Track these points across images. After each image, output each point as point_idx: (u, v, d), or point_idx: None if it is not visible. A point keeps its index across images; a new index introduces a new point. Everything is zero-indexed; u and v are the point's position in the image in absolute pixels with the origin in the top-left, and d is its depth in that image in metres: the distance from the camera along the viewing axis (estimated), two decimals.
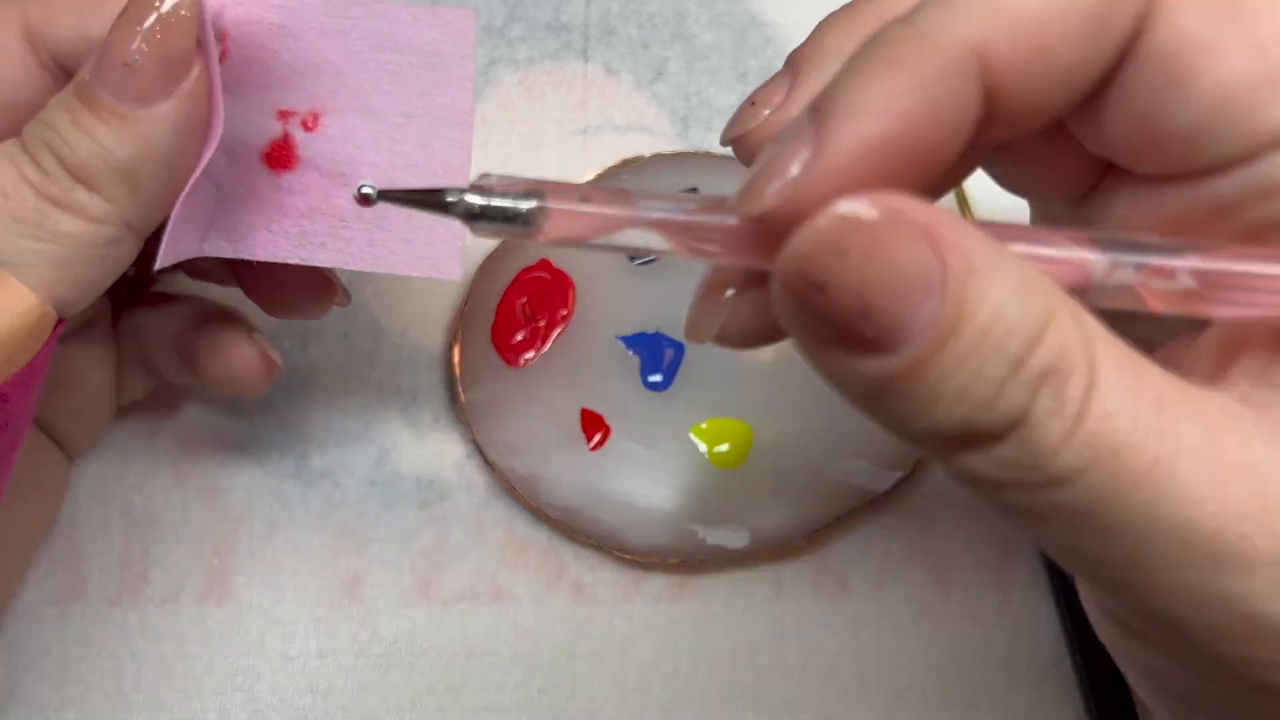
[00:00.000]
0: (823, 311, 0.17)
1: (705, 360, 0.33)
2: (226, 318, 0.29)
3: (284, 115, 0.25)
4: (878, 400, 0.18)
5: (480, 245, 0.35)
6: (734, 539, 0.32)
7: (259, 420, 0.33)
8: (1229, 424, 0.17)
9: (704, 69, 0.37)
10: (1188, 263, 0.17)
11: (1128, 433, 0.16)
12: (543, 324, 0.33)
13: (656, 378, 0.33)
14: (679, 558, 0.32)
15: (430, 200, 0.19)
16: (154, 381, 0.32)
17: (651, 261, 0.34)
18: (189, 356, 0.29)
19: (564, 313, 0.33)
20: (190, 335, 0.29)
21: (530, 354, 0.33)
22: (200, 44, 0.23)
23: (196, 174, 0.24)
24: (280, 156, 0.26)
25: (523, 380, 0.33)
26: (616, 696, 0.31)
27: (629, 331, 0.33)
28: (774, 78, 0.22)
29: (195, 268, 0.30)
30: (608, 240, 0.19)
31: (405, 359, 0.34)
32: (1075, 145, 0.20)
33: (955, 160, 0.18)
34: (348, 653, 0.32)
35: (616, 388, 0.33)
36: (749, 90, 0.36)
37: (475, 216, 0.19)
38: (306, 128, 0.25)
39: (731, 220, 0.19)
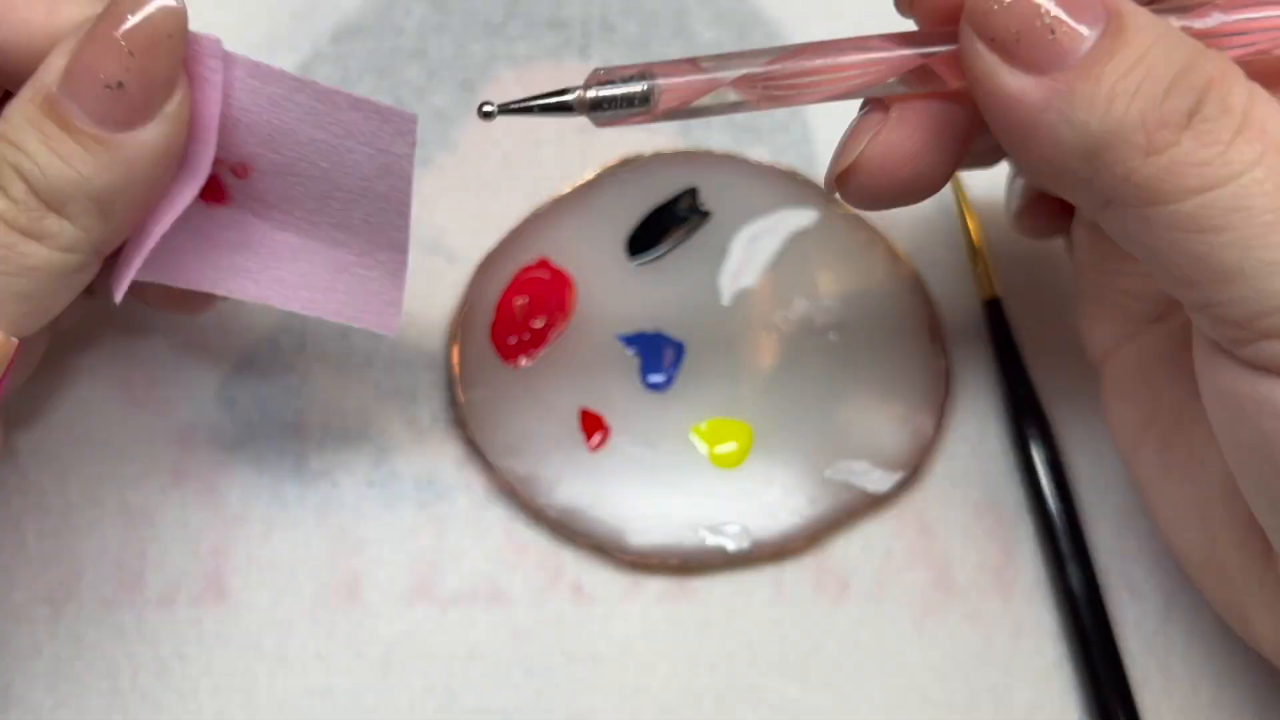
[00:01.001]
0: (1014, 14, 0.21)
1: (705, 360, 0.33)
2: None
3: (215, 162, 0.24)
4: (1055, 113, 0.21)
5: (480, 244, 0.35)
6: (734, 540, 0.32)
7: (257, 420, 0.33)
8: None
9: None
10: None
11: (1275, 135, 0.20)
12: (541, 324, 0.33)
13: (656, 378, 0.33)
14: (679, 559, 0.32)
15: (551, 105, 0.22)
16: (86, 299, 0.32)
17: (653, 260, 0.34)
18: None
19: (563, 313, 0.33)
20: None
21: (529, 355, 0.33)
22: (186, 63, 0.22)
23: (184, 205, 0.23)
24: (213, 191, 0.25)
25: (522, 380, 0.33)
26: (615, 698, 0.31)
27: (629, 331, 0.33)
28: None
29: None
30: (706, 104, 0.22)
31: (404, 359, 0.34)
32: None
33: None
34: (346, 654, 0.31)
35: (616, 388, 0.33)
36: None
37: (597, 107, 0.22)
38: (236, 174, 0.25)
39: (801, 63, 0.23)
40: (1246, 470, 0.23)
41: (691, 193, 0.35)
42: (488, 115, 0.23)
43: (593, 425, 0.33)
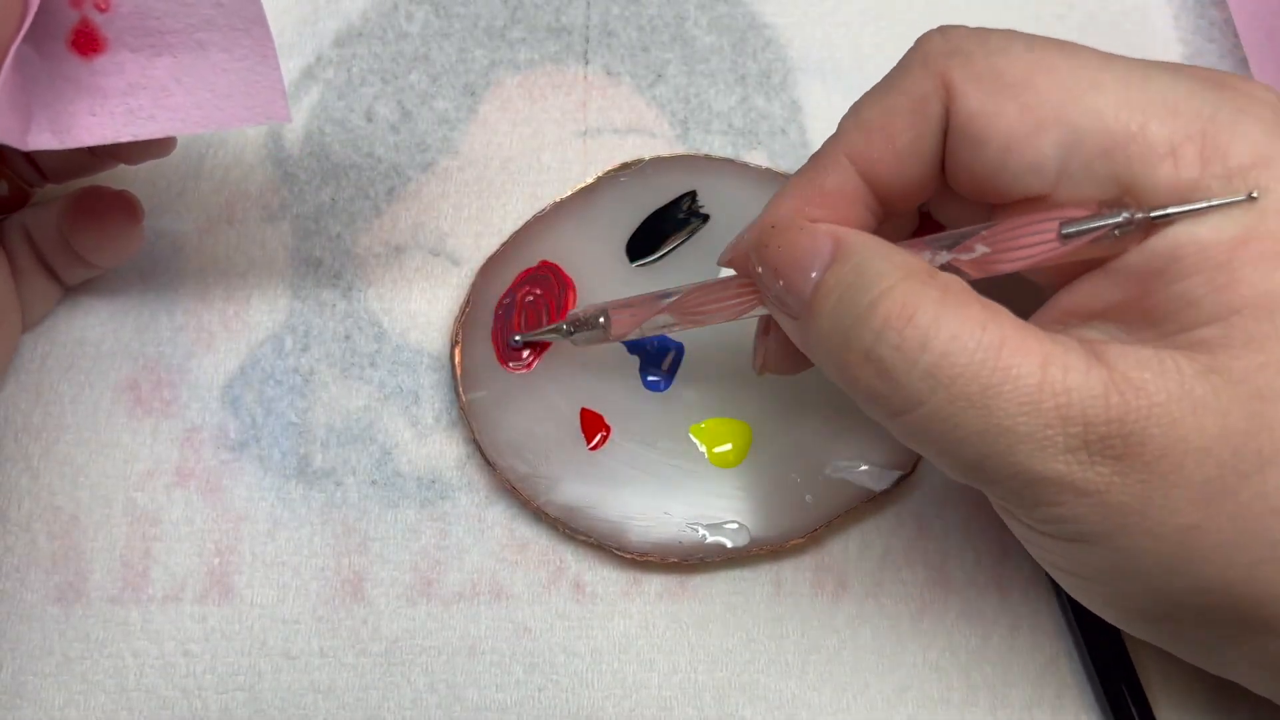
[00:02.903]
0: (764, 285, 0.26)
1: (705, 360, 0.34)
2: (90, 187, 0.32)
3: (75, 2, 0.26)
4: (806, 346, 0.26)
5: (483, 247, 0.35)
6: (733, 538, 0.32)
7: (261, 420, 0.33)
8: (1060, 355, 0.23)
9: (703, 71, 0.37)
10: (975, 240, 0.25)
11: (963, 367, 0.23)
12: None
13: (656, 378, 0.33)
14: (678, 556, 0.32)
15: (550, 331, 0.32)
16: (58, 290, 0.33)
17: (653, 262, 0.34)
18: (64, 230, 0.31)
19: (565, 315, 0.34)
20: (63, 213, 0.31)
21: (529, 356, 0.33)
22: None
23: (9, 58, 0.24)
24: (87, 41, 0.26)
25: (523, 380, 0.33)
26: (616, 694, 0.32)
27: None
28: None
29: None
30: (651, 326, 0.30)
31: (406, 360, 0.34)
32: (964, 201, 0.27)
33: (882, 220, 0.28)
34: (349, 651, 0.32)
35: (616, 388, 0.33)
36: (748, 93, 0.37)
37: (573, 332, 0.32)
38: (100, 9, 0.26)
39: (713, 296, 0.29)
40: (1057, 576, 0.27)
41: (691, 196, 0.35)
42: (516, 346, 0.33)
43: (593, 425, 0.33)
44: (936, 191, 0.27)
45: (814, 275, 0.25)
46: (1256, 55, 0.37)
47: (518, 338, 0.33)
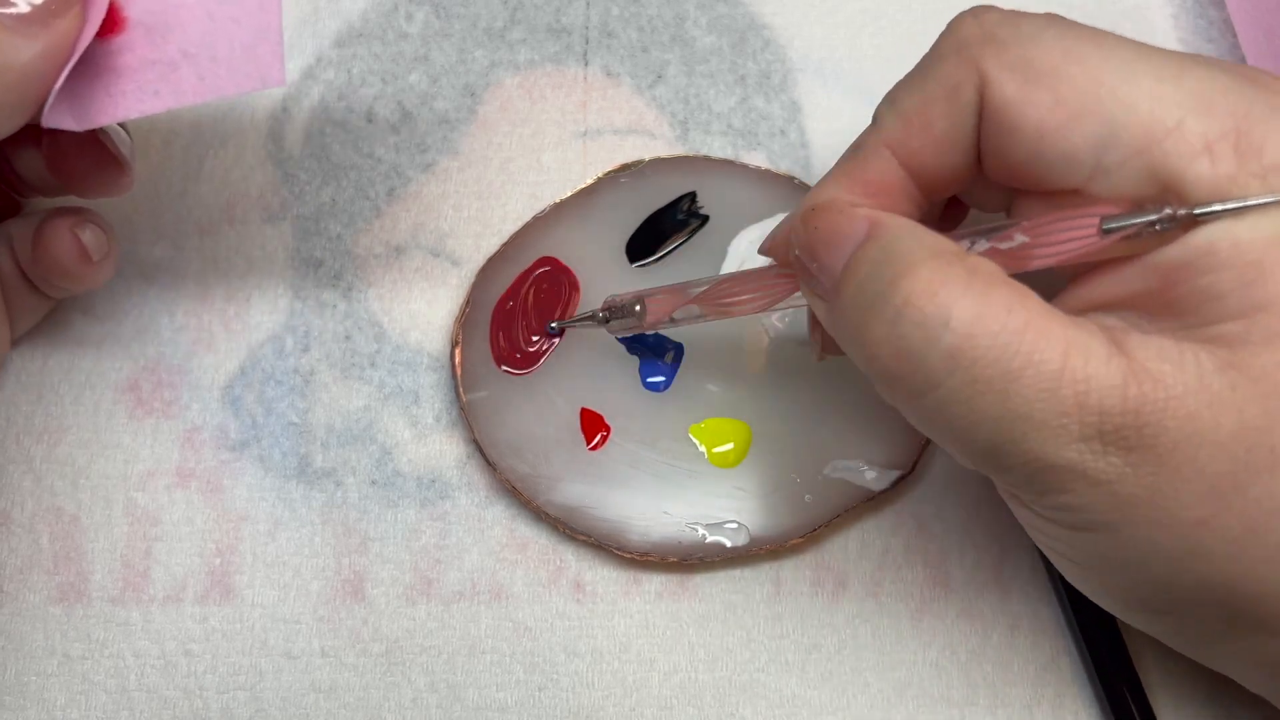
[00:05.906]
0: (800, 267, 0.26)
1: (705, 360, 0.34)
2: (58, 211, 0.31)
3: None
4: (834, 328, 0.26)
5: (483, 247, 0.35)
6: (733, 537, 0.32)
7: (262, 420, 0.33)
8: (1083, 342, 0.23)
9: (703, 72, 0.37)
10: (1016, 230, 0.25)
11: (984, 350, 0.22)
12: (541, 345, 0.34)
13: (656, 378, 0.33)
14: (678, 556, 0.32)
15: (585, 318, 0.33)
16: (44, 302, 0.33)
17: (653, 262, 0.34)
18: (34, 254, 0.31)
19: (565, 315, 0.34)
20: (33, 236, 0.31)
21: (527, 360, 0.33)
22: None
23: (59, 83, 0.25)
24: (110, 24, 0.27)
25: (523, 381, 0.33)
26: (616, 694, 0.32)
27: (629, 332, 0.34)
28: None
29: (18, 185, 0.32)
30: (684, 314, 0.31)
31: (406, 360, 0.34)
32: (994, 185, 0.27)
33: (926, 207, 0.28)
34: (350, 651, 0.32)
35: (616, 388, 0.33)
36: (748, 93, 0.37)
37: (609, 319, 0.32)
38: None
39: (736, 287, 0.29)
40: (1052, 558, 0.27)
41: (690, 197, 0.35)
42: (550, 332, 0.33)
43: (593, 425, 0.33)
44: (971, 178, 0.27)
45: (847, 255, 0.25)
46: (1255, 55, 0.37)
47: (554, 324, 0.33)
